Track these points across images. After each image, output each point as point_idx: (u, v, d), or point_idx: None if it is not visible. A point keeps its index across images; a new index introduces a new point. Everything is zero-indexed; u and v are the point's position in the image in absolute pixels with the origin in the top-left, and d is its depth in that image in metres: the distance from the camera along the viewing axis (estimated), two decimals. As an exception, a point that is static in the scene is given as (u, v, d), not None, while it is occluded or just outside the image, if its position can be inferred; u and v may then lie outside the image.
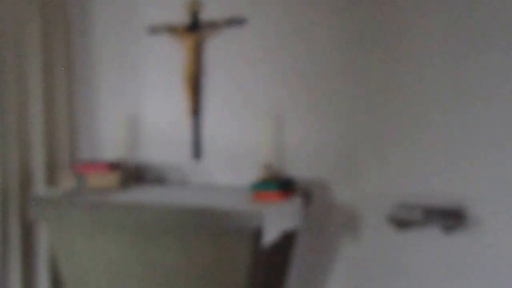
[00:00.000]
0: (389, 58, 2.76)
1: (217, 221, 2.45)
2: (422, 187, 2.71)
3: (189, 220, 2.52)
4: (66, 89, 3.48)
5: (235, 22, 3.08)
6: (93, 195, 2.83)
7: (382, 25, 2.77)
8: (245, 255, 2.45)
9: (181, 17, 3.24)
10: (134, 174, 3.28)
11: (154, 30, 3.30)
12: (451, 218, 2.47)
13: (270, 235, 2.42)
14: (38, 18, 3.26)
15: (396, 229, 2.67)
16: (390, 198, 2.76)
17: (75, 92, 3.57)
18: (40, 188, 3.23)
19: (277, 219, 2.47)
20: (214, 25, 3.13)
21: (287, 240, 2.76)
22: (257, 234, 2.41)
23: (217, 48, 3.17)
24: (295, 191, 2.79)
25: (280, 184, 2.66)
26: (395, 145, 2.77)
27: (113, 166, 2.96)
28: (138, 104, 3.44)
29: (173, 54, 3.29)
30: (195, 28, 3.19)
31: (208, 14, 3.18)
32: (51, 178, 3.37)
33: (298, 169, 2.99)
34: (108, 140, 3.53)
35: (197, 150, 3.25)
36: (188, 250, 2.59)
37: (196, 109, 3.22)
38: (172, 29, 3.24)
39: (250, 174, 3.06)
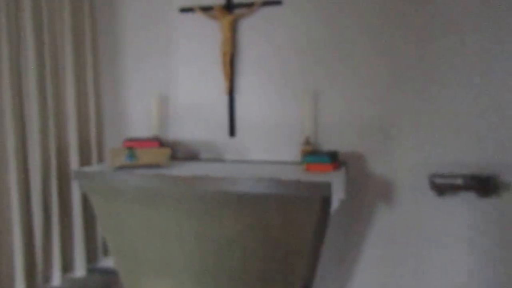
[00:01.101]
0: (424, 37, 2.98)
1: (287, 190, 2.60)
2: (454, 157, 2.99)
3: (259, 189, 2.64)
4: (93, 68, 3.45)
5: (271, 3, 3.19)
6: (146, 170, 2.88)
7: (416, 8, 2.99)
8: (313, 221, 2.62)
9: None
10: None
11: (187, 9, 3.34)
12: (486, 184, 2.77)
13: (335, 203, 2.62)
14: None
15: (436, 194, 2.95)
16: (425, 168, 3.03)
17: (103, 72, 3.56)
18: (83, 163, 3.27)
19: (337, 189, 2.66)
20: (250, 5, 3.22)
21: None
22: (323, 201, 2.59)
23: (252, 27, 3.28)
24: (340, 163, 2.99)
25: (331, 157, 2.85)
26: (428, 118, 3.01)
27: (161, 143, 3.00)
28: (169, 83, 3.48)
29: (206, 33, 3.36)
30: (230, 7, 3.26)
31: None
32: (86, 156, 3.39)
33: (335, 143, 3.18)
34: (137, 119, 3.56)
35: (232, 128, 3.35)
36: (249, 219, 2.72)
37: (231, 87, 3.31)
38: (206, 8, 3.29)
39: (284, 151, 3.24)
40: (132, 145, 2.93)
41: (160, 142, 3.03)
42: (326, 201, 2.60)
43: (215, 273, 2.88)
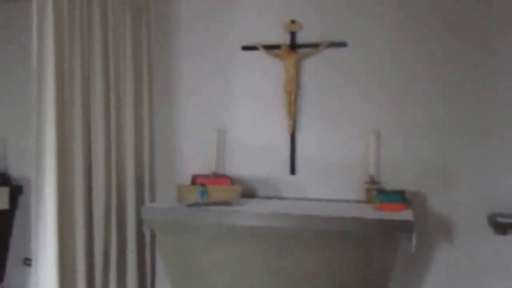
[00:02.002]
0: (484, 78, 3.08)
1: (366, 228, 2.60)
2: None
3: (334, 227, 2.63)
4: (149, 103, 3.44)
5: (336, 44, 3.27)
6: (218, 206, 2.84)
7: (476, 49, 3.10)
8: (394, 259, 2.62)
9: (278, 37, 3.37)
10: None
11: (250, 47, 3.39)
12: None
13: (414, 241, 2.63)
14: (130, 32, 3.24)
15: (498, 233, 2.99)
16: (485, 207, 3.09)
17: (157, 106, 3.55)
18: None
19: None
20: (315, 45, 3.29)
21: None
22: (401, 240, 2.60)
23: (316, 66, 3.34)
24: (408, 202, 3.02)
25: (402, 196, 2.88)
26: (487, 158, 3.08)
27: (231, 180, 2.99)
28: (226, 118, 3.49)
29: (266, 70, 3.41)
30: (294, 46, 3.33)
31: (306, 35, 3.34)
32: (140, 193, 3.32)
33: (395, 182, 3.21)
34: (190, 155, 3.53)
35: (292, 166, 3.35)
36: (327, 256, 2.69)
37: (292, 126, 3.34)
38: (271, 47, 3.35)
39: (344, 189, 3.26)
40: (204, 182, 2.90)
41: (230, 180, 3.01)
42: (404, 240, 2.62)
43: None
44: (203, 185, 2.87)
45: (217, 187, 2.90)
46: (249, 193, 3.40)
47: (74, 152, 2.82)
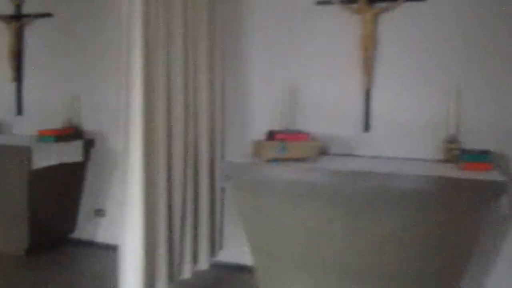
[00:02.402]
0: None
1: (452, 188, 2.53)
2: None
3: (419, 186, 2.57)
4: (220, 60, 3.39)
5: (416, -1, 3.12)
6: (297, 162, 2.82)
7: None
8: (480, 222, 2.56)
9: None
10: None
11: (324, 2, 3.28)
12: None
13: (506, 202, 2.55)
14: None
15: None
16: None
17: (228, 63, 3.50)
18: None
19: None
20: (392, 0, 3.15)
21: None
22: (491, 201, 2.52)
23: (394, 21, 3.20)
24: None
25: (488, 156, 2.78)
26: None
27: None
28: (298, 76, 3.42)
29: (341, 26, 3.29)
30: (371, 1, 3.19)
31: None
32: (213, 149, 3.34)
33: (477, 142, 3.10)
34: (259, 112, 3.50)
35: (366, 123, 3.28)
36: (410, 217, 2.65)
37: (368, 82, 3.25)
38: (347, 2, 3.23)
39: (420, 148, 3.17)
40: (283, 138, 2.87)
41: (308, 135, 2.97)
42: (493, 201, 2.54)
43: (364, 271, 2.81)
44: (282, 140, 2.84)
45: (296, 143, 2.88)
46: (320, 150, 3.37)
47: (157, 110, 2.82)
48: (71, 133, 3.79)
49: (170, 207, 2.98)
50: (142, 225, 2.70)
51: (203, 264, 3.36)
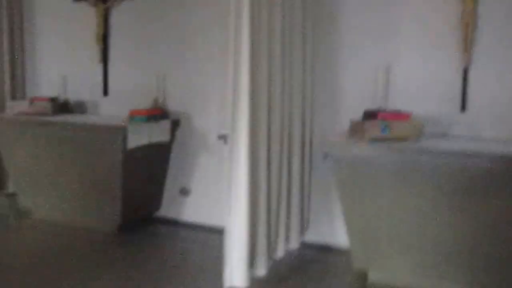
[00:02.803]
0: None
1: None
2: None
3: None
4: (312, 39, 3.36)
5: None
6: (399, 142, 2.79)
7: None
8: None
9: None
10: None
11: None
12: None
13: None
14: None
15: None
16: None
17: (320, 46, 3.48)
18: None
19: None
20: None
21: None
22: None
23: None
24: None
25: None
26: None
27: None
28: (392, 55, 3.35)
29: (437, 3, 3.21)
30: (472, -24, 3.09)
31: None
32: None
33: None
34: (351, 92, 3.48)
35: (463, 102, 3.20)
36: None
37: (467, 60, 3.15)
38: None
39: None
40: (386, 117, 2.84)
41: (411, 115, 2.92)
42: None
43: (471, 253, 2.77)
44: (385, 120, 2.81)
45: (399, 123, 2.84)
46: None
47: (260, 91, 2.83)
48: (159, 113, 3.87)
49: (269, 186, 3.02)
50: (247, 203, 2.74)
51: (294, 243, 3.39)
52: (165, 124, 3.87)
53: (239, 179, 2.74)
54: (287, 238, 3.32)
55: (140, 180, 3.87)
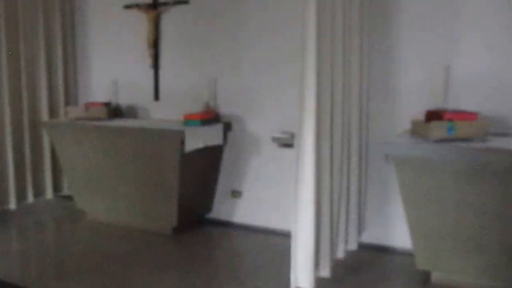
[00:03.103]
0: None
1: None
2: None
3: None
4: (367, 38, 3.36)
5: None
6: (465, 142, 2.78)
7: None
8: None
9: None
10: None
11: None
12: None
13: None
14: None
15: None
16: None
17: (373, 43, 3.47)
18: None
19: None
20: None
21: None
22: None
23: None
24: None
25: None
26: None
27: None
28: (450, 53, 3.33)
29: (499, 1, 3.17)
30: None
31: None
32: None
33: None
34: (408, 90, 3.47)
35: (525, 101, 3.16)
36: None
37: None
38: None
39: None
40: (451, 117, 2.82)
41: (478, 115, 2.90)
42: None
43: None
44: (451, 120, 2.79)
45: (465, 123, 2.81)
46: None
47: (324, 93, 2.85)
48: (213, 117, 3.92)
49: (331, 188, 3.03)
50: (314, 205, 2.76)
51: (352, 244, 3.40)
52: (218, 128, 3.93)
53: (305, 182, 2.75)
54: (346, 240, 3.34)
55: (194, 183, 3.93)
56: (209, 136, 3.84)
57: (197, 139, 3.70)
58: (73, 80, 4.82)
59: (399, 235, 3.55)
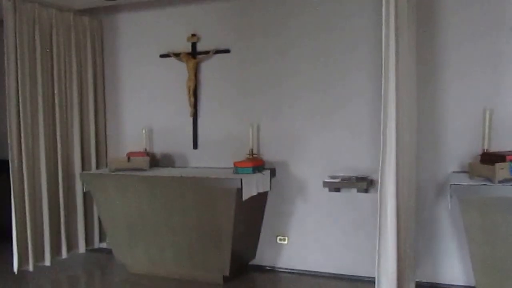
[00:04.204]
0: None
1: None
2: None
3: None
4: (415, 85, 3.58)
5: None
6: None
7: None
8: None
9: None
10: None
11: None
12: None
13: None
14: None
15: None
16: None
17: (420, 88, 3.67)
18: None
19: None
20: None
21: None
22: None
23: None
24: None
25: None
26: None
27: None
28: (494, 95, 3.55)
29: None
30: None
31: None
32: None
33: None
34: (454, 134, 3.68)
35: None
36: None
37: None
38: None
39: None
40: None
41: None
42: None
43: None
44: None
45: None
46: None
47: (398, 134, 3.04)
48: (262, 163, 3.99)
49: (399, 231, 3.16)
50: (396, 250, 2.87)
51: (412, 284, 3.50)
52: (267, 174, 4.00)
53: (388, 227, 2.88)
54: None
55: (244, 229, 3.94)
56: (261, 183, 3.89)
57: (252, 187, 3.75)
58: (103, 129, 4.77)
59: (450, 271, 3.72)
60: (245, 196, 3.67)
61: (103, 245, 4.76)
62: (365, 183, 3.80)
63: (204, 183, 3.75)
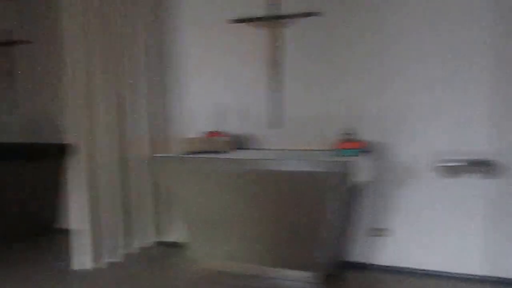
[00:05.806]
0: None
1: None
2: None
3: None
4: None
5: None
6: None
7: None
8: None
9: None
10: None
11: None
12: None
13: None
14: None
15: None
16: None
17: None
18: None
19: None
20: None
21: None
22: None
23: None
24: None
25: None
26: None
27: None
28: None
29: None
30: None
31: None
32: None
33: None
34: None
35: None
36: None
37: None
38: None
39: None
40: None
41: None
42: None
43: None
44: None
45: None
46: None
47: None
48: (366, 146, 3.41)
49: None
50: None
51: None
52: (369, 158, 3.41)
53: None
54: None
55: (342, 222, 3.39)
56: (367, 168, 3.29)
57: (361, 171, 3.15)
58: (169, 107, 4.21)
59: None
60: (354, 181, 3.09)
61: (171, 238, 4.28)
62: (490, 167, 3.20)
63: (301, 167, 3.17)
